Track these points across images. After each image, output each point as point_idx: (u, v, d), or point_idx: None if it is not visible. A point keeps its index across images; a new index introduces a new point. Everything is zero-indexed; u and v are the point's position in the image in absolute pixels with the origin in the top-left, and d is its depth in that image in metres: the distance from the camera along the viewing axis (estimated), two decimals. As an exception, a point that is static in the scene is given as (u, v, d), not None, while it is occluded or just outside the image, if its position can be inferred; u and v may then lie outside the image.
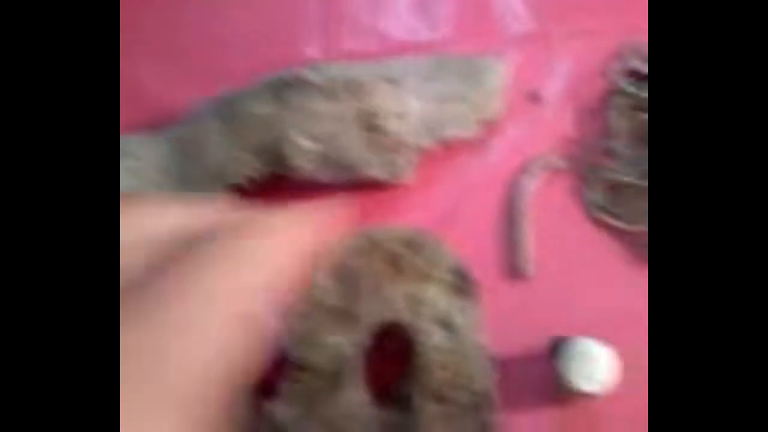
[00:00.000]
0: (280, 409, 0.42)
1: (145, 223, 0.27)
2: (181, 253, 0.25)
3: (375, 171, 0.60)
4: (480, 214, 0.63)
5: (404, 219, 0.63)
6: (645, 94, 0.65)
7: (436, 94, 0.62)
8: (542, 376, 0.56)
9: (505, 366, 0.57)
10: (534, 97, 0.67)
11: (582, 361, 0.52)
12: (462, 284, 0.49)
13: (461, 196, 0.64)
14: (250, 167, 0.60)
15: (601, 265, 0.61)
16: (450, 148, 0.64)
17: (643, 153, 0.62)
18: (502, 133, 0.66)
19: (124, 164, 0.59)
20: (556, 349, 0.54)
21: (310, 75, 0.59)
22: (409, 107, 0.60)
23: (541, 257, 0.61)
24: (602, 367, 0.52)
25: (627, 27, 0.68)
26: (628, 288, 0.59)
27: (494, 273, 0.60)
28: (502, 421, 0.51)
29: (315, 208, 0.36)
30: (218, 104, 0.61)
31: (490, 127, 0.65)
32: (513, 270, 0.60)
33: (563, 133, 0.66)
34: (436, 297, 0.47)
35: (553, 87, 0.68)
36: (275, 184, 0.61)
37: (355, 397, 0.44)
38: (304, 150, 0.59)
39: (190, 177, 0.60)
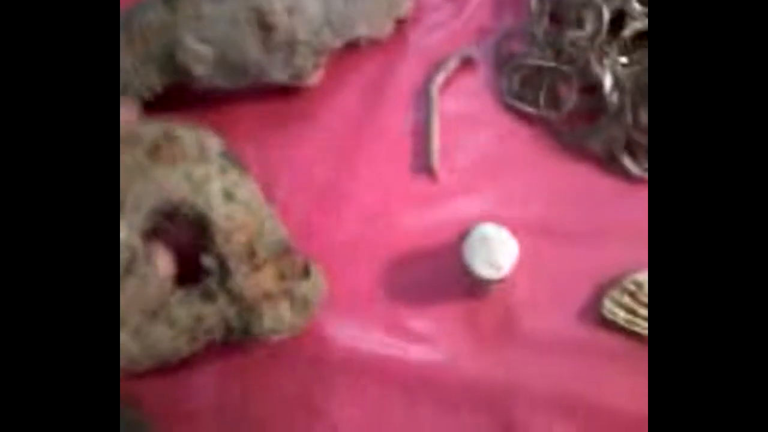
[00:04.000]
0: None
1: None
2: None
3: (275, 73, 0.58)
4: (395, 114, 0.60)
5: (313, 125, 0.60)
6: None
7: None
8: (454, 271, 0.53)
9: (419, 259, 0.55)
10: (450, -10, 0.64)
11: (482, 247, 0.50)
12: (232, 163, 0.51)
13: (376, 98, 0.61)
14: (151, 78, 0.58)
15: (511, 152, 0.58)
16: (359, 49, 0.61)
17: (561, 35, 0.59)
18: (415, 31, 0.63)
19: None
20: (462, 238, 0.51)
21: (195, -25, 0.57)
22: (303, 2, 0.57)
23: (453, 150, 0.58)
24: (501, 249, 0.49)
25: None
26: (535, 172, 0.57)
27: (407, 174, 0.58)
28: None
29: None
30: (122, 17, 0.60)
31: (401, 25, 0.62)
32: (426, 166, 0.58)
33: (479, 25, 0.62)
34: (212, 175, 0.49)
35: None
36: (180, 95, 0.59)
37: (151, 279, 0.47)
38: (199, 55, 0.57)
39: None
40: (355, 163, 0.59)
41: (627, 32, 0.57)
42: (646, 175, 0.56)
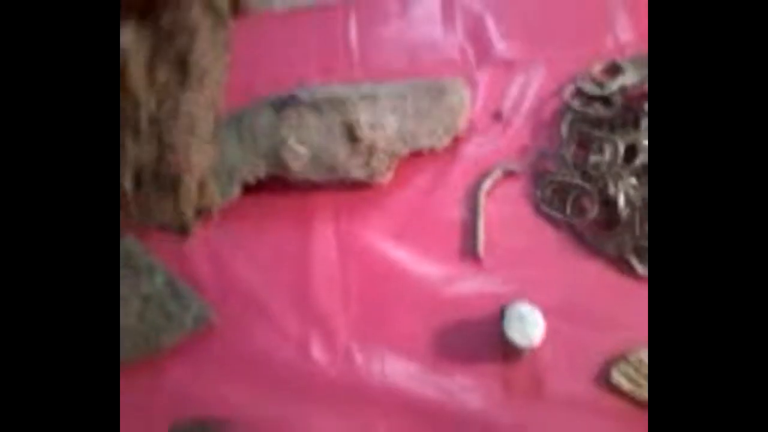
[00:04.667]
0: None
1: None
2: None
3: (355, 172, 0.73)
4: (446, 210, 0.75)
5: (382, 213, 0.75)
6: (591, 111, 0.76)
7: (410, 110, 0.75)
8: (494, 338, 0.66)
9: (464, 326, 0.69)
10: (497, 116, 0.80)
11: (518, 321, 0.63)
12: None
13: (431, 196, 0.76)
14: (255, 168, 0.73)
15: (542, 248, 0.72)
16: (423, 157, 0.77)
17: (586, 159, 0.74)
18: (468, 144, 0.78)
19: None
20: (502, 313, 0.65)
21: (302, 94, 0.73)
22: (384, 120, 0.73)
23: (495, 243, 0.72)
24: (533, 325, 0.63)
25: (579, 57, 0.81)
26: (561, 265, 0.71)
27: (456, 256, 0.72)
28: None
29: None
30: (231, 119, 0.75)
31: (457, 139, 0.77)
32: (471, 253, 0.72)
33: (520, 144, 0.78)
34: None
35: (514, 106, 0.80)
36: (276, 183, 0.74)
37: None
38: (298, 154, 0.72)
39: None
40: (413, 244, 0.73)
41: (638, 161, 0.72)
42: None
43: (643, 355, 0.64)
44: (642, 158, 0.72)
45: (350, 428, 0.65)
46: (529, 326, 0.63)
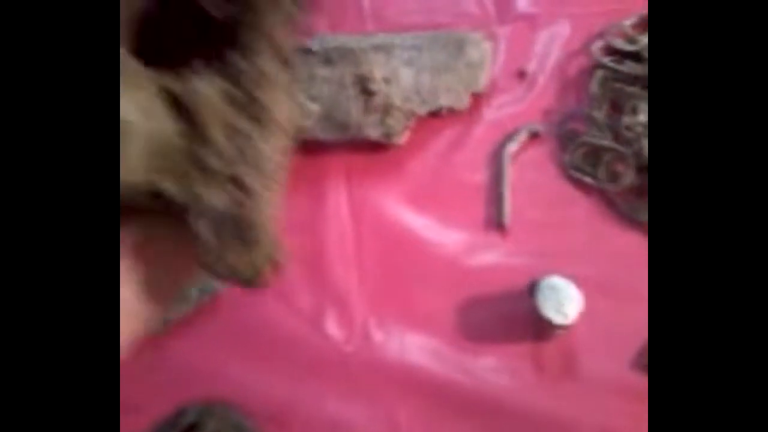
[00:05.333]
0: None
1: None
2: None
3: (369, 131, 0.67)
4: (468, 175, 0.69)
5: (399, 177, 0.69)
6: (623, 68, 0.71)
7: (427, 63, 0.69)
8: (523, 314, 0.61)
9: (490, 301, 0.63)
10: (521, 74, 0.74)
11: (552, 296, 0.58)
12: None
13: (451, 159, 0.70)
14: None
15: (572, 216, 0.66)
16: (441, 118, 0.70)
17: (618, 119, 0.68)
18: (491, 104, 0.72)
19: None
20: (532, 287, 0.59)
21: (312, 44, 0.66)
22: (399, 73, 0.67)
23: (521, 210, 0.66)
24: (569, 299, 0.57)
25: (607, 12, 0.75)
26: (595, 235, 0.65)
27: (479, 224, 0.67)
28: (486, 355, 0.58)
29: None
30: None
31: (478, 99, 0.71)
32: (497, 221, 0.66)
33: (547, 105, 0.72)
34: None
35: (540, 64, 0.74)
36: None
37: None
38: (307, 110, 0.66)
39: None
40: (433, 211, 0.68)
41: (677, 122, 0.66)
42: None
43: (687, 332, 0.59)
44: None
45: (368, 410, 0.59)
46: (564, 301, 0.58)
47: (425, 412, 0.59)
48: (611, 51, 0.73)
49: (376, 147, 0.69)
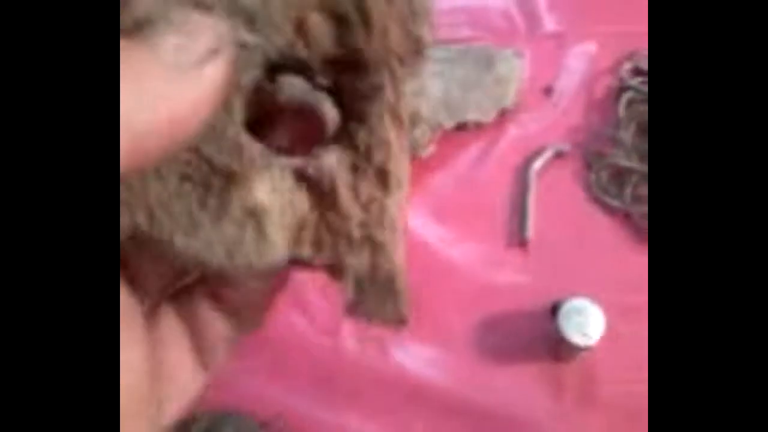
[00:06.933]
0: None
1: None
2: None
3: (396, 143, 0.66)
4: (491, 190, 0.68)
5: (421, 190, 0.68)
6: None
7: (457, 78, 0.68)
8: (542, 333, 0.60)
9: (511, 324, 0.62)
10: (547, 91, 0.73)
11: (576, 317, 0.57)
12: None
13: (475, 173, 0.69)
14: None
15: (596, 237, 0.65)
16: (467, 131, 0.70)
17: (645, 141, 0.67)
18: (516, 121, 0.71)
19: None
20: (555, 309, 0.58)
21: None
22: (428, 86, 0.66)
23: (544, 228, 0.66)
24: (592, 321, 0.56)
25: (635, 33, 0.74)
26: (619, 258, 0.65)
27: (501, 241, 0.66)
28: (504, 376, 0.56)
29: None
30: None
31: (504, 115, 0.71)
32: (519, 238, 0.66)
33: (573, 123, 0.71)
34: None
35: (566, 83, 0.73)
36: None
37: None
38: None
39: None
40: (454, 225, 0.67)
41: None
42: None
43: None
44: (715, 144, 0.66)
45: (383, 425, 0.58)
46: (588, 323, 0.57)
47: (440, 428, 0.58)
48: (639, 72, 0.73)
49: (399, 158, 0.68)
